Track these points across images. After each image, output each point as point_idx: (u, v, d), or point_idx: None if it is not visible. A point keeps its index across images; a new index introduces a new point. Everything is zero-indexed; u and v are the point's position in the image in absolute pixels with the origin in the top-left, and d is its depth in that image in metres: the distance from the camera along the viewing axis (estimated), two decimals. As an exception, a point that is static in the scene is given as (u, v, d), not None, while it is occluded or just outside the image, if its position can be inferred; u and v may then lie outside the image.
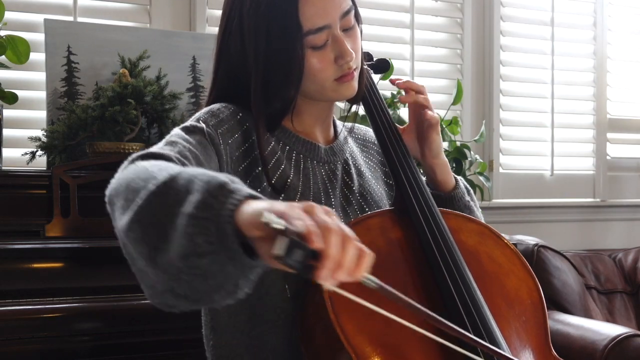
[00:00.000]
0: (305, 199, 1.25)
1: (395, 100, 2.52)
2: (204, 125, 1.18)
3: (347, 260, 0.79)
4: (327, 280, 0.79)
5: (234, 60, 1.25)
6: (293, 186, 1.25)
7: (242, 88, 1.25)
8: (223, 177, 0.88)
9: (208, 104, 1.29)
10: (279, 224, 0.77)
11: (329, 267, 0.78)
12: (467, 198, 1.42)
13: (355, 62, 1.25)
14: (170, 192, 0.90)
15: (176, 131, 1.15)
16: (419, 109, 1.38)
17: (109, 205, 0.99)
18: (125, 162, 1.02)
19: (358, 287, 0.84)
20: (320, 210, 0.82)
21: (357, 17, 1.27)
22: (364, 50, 1.37)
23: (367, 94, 1.37)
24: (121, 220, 0.93)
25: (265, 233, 0.80)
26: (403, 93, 1.41)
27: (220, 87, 1.29)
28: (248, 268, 0.86)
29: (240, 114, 1.24)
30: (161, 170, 0.94)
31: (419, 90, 1.38)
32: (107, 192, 1.00)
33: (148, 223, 0.89)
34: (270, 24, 1.18)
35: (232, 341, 1.22)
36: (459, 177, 1.44)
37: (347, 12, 1.22)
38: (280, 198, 1.22)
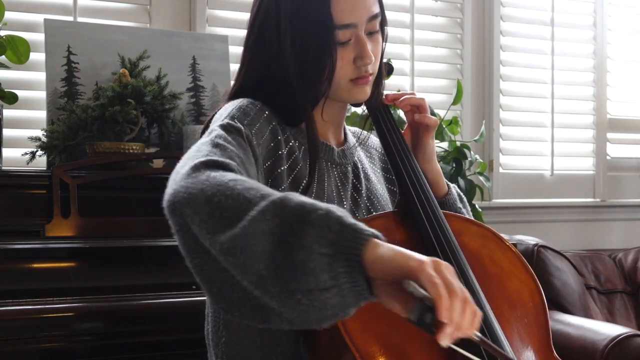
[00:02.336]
0: (319, 200, 1.25)
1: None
2: (241, 126, 1.16)
3: (465, 324, 0.89)
4: (446, 340, 0.88)
5: (268, 46, 1.25)
6: (308, 187, 1.25)
7: (270, 78, 1.25)
8: (337, 209, 0.91)
9: (233, 93, 1.29)
10: (419, 293, 0.87)
11: (450, 332, 0.87)
12: (459, 205, 1.43)
13: (373, 67, 1.26)
14: (278, 220, 0.90)
15: (218, 131, 1.13)
16: (416, 112, 1.39)
17: (173, 213, 0.97)
18: (188, 169, 1.00)
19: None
20: (447, 270, 0.89)
21: (383, 27, 1.29)
22: (386, 61, 1.38)
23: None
24: (210, 239, 0.92)
25: (394, 284, 0.89)
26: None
27: (250, 73, 1.29)
28: (365, 301, 0.91)
29: (267, 112, 1.24)
30: (247, 188, 0.94)
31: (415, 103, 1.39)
32: (171, 197, 0.98)
33: (256, 251, 0.90)
34: (307, 12, 1.20)
35: (244, 340, 1.22)
36: (451, 185, 1.45)
37: (375, 17, 1.24)
38: None
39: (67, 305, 1.74)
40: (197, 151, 1.06)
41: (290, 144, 1.27)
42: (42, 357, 1.72)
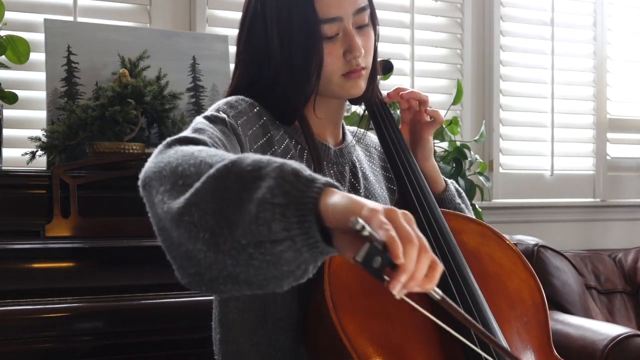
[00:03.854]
0: None
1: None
2: (224, 116, 1.17)
3: (420, 274, 0.82)
4: (399, 291, 0.81)
5: (258, 46, 1.25)
6: None
7: (262, 78, 1.26)
8: (293, 162, 0.88)
9: (228, 93, 1.29)
10: (367, 232, 0.80)
11: (403, 280, 0.81)
12: (458, 200, 1.43)
13: (365, 60, 1.25)
14: (233, 176, 0.88)
15: (200, 119, 1.14)
16: (416, 108, 1.39)
17: (144, 189, 0.98)
18: (161, 146, 1.01)
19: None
20: (401, 217, 0.84)
21: (373, 18, 1.28)
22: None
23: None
24: (169, 204, 0.91)
25: (348, 232, 0.82)
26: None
27: (243, 74, 1.29)
28: (322, 254, 0.86)
29: (258, 108, 1.25)
30: (212, 155, 0.93)
31: (419, 98, 1.39)
32: (143, 175, 0.99)
33: (210, 208, 0.87)
34: (292, 8, 1.20)
35: (240, 338, 1.22)
36: (449, 180, 1.45)
37: (362, 10, 1.23)
38: None
39: (67, 305, 1.74)
40: (177, 137, 1.06)
41: (286, 141, 1.27)
42: (42, 357, 1.72)
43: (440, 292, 0.85)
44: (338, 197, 0.84)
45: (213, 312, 1.28)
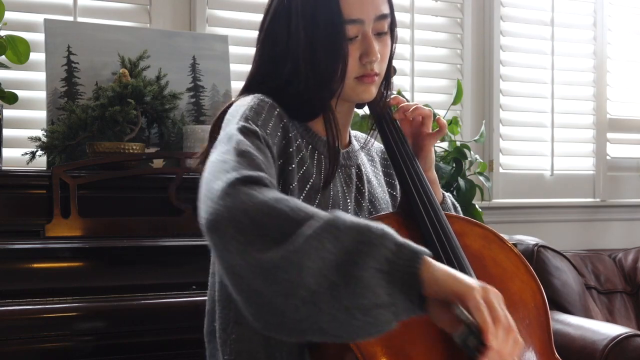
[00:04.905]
0: (326, 201, 1.27)
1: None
2: (256, 129, 1.16)
3: (506, 351, 0.94)
4: None
5: (279, 43, 1.26)
6: (315, 186, 1.26)
7: (279, 75, 1.26)
8: (387, 228, 0.96)
9: (244, 88, 1.30)
10: (465, 318, 0.93)
11: (492, 357, 0.92)
12: (454, 213, 1.44)
13: (379, 67, 1.26)
14: (333, 238, 0.93)
15: (238, 136, 1.12)
16: (421, 121, 1.40)
17: (214, 232, 0.98)
18: (223, 185, 1.00)
19: None
20: (494, 297, 0.95)
21: (393, 29, 1.29)
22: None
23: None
24: (254, 256, 0.94)
25: (447, 308, 0.95)
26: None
27: (260, 72, 1.29)
28: (414, 316, 0.96)
29: (277, 110, 1.24)
30: (292, 208, 0.97)
31: (422, 114, 1.40)
32: (212, 216, 0.98)
33: (310, 267, 0.92)
34: (317, 6, 1.21)
35: (254, 337, 1.22)
36: (446, 194, 1.47)
37: (383, 17, 1.25)
38: (301, 198, 1.24)
39: (67, 305, 1.74)
40: (223, 162, 1.06)
41: (298, 142, 1.27)
42: (42, 357, 1.72)
43: None
44: (439, 271, 0.95)
45: (220, 315, 1.27)
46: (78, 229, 1.91)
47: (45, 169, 2.13)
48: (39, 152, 2.13)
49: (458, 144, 2.64)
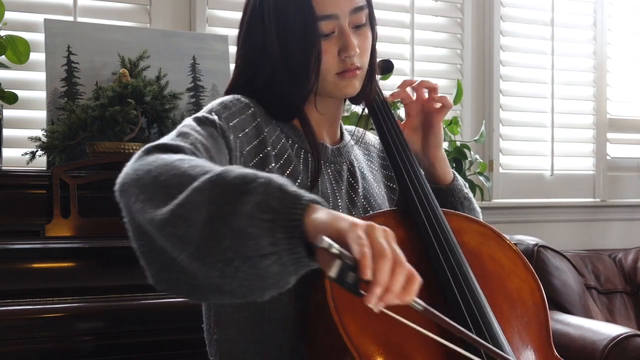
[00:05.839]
0: None
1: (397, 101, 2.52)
2: (215, 118, 1.17)
3: (396, 286, 0.84)
4: (376, 304, 0.84)
5: (256, 43, 1.25)
6: (303, 185, 1.25)
7: (259, 76, 1.25)
8: (279, 177, 0.90)
9: (227, 90, 1.30)
10: (335, 249, 0.83)
11: (377, 293, 0.83)
12: (466, 190, 1.43)
13: (360, 60, 1.25)
14: (218, 189, 0.89)
15: (188, 121, 1.15)
16: (428, 97, 1.40)
17: (122, 194, 0.98)
18: (139, 152, 1.02)
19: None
20: (380, 232, 0.87)
21: (372, 18, 1.28)
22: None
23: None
24: (150, 213, 0.92)
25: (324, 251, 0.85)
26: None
27: (242, 72, 1.29)
28: (305, 268, 0.89)
29: (253, 108, 1.24)
30: (193, 166, 0.94)
31: (428, 86, 1.40)
32: (120, 180, 0.99)
33: (195, 221, 0.88)
34: (289, 4, 1.20)
35: (236, 337, 1.22)
36: (456, 173, 1.45)
37: (359, 9, 1.23)
38: None
39: (67, 305, 1.75)
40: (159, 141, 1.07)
41: (282, 141, 1.26)
42: (42, 357, 1.72)
43: (422, 303, 0.87)
44: (321, 214, 0.87)
45: (205, 314, 1.28)
46: (78, 229, 1.91)
47: (45, 169, 2.13)
48: (39, 152, 2.13)
49: (458, 144, 2.64)
